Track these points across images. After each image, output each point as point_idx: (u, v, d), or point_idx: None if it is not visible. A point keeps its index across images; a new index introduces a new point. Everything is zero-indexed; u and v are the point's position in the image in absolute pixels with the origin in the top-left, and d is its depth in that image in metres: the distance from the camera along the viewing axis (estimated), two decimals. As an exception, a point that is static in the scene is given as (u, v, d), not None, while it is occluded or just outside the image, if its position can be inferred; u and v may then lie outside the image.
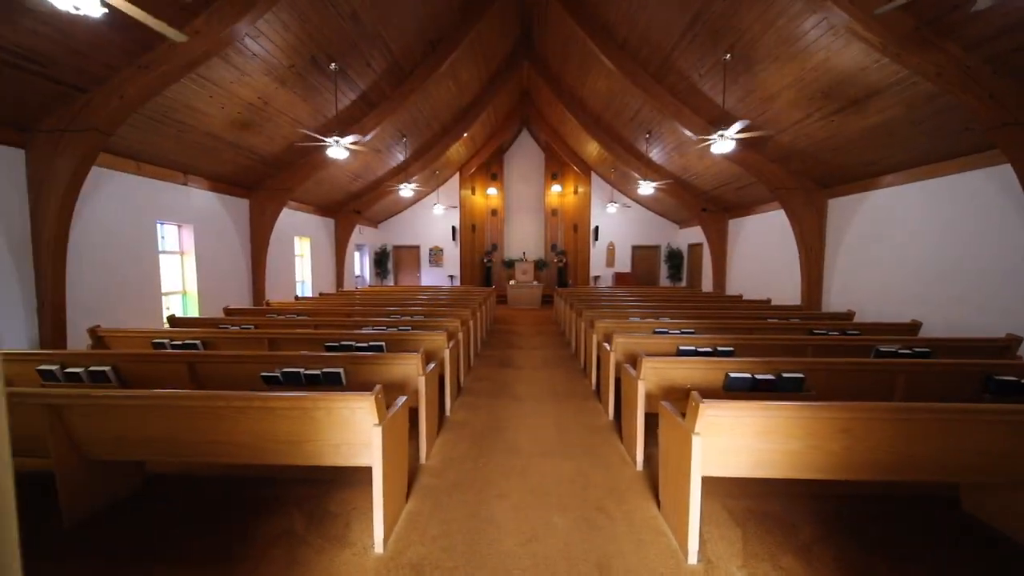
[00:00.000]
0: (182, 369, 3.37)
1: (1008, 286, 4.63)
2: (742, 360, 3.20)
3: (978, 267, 4.95)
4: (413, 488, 2.91)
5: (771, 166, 7.57)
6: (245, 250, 8.16)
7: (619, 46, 7.35)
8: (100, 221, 5.34)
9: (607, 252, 15.36)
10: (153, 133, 5.51)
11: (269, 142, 6.92)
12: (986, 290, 4.87)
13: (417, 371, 3.29)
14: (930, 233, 5.56)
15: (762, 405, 2.13)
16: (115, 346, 4.54)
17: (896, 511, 2.66)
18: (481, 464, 3.25)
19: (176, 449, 2.37)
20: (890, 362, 3.14)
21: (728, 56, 5.74)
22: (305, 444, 2.36)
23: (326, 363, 3.33)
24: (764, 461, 2.24)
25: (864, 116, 5.37)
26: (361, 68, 6.63)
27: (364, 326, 5.28)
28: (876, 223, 6.50)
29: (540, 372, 6.01)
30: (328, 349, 4.20)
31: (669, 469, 2.51)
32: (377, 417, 2.24)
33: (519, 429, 3.94)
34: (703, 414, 2.11)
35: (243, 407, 2.28)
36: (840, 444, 2.20)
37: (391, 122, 8.59)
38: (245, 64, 5.18)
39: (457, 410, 4.46)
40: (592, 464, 3.26)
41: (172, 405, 2.31)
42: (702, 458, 2.17)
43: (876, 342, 4.16)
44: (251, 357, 3.38)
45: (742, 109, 6.54)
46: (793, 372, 3.08)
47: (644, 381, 3.14)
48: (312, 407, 2.27)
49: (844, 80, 5.04)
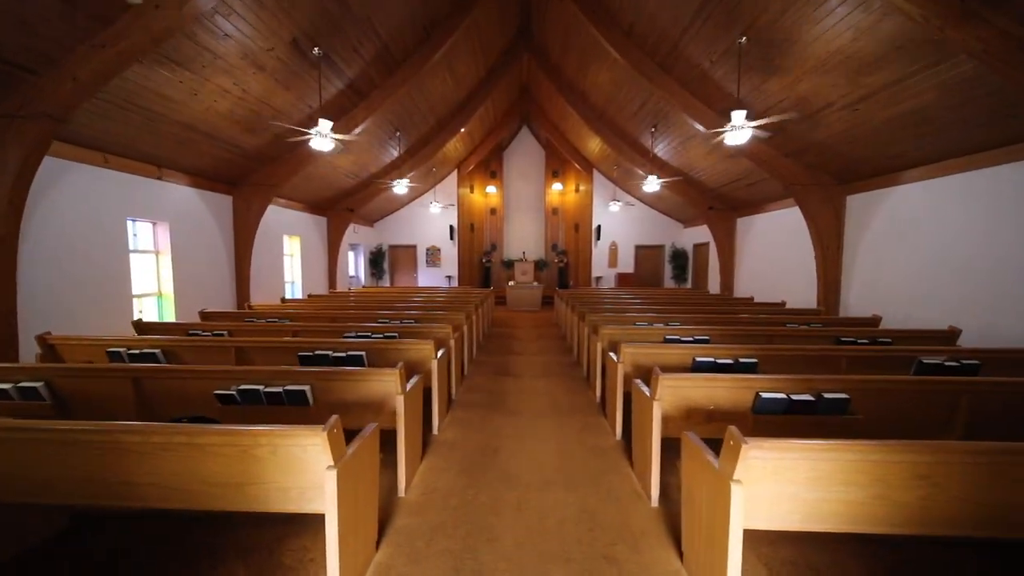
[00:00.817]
0: (126, 386, 2.92)
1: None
2: (772, 378, 2.75)
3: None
4: (387, 532, 2.45)
5: (785, 161, 7.11)
6: (228, 249, 7.72)
7: (625, 33, 6.90)
8: (61, 218, 4.89)
9: (609, 252, 14.89)
10: (120, 122, 5.06)
11: (250, 134, 6.48)
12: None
13: (396, 388, 2.84)
14: (967, 231, 5.10)
15: (822, 445, 1.67)
16: (67, 355, 4.10)
17: (977, 562, 2.20)
18: (470, 497, 2.80)
19: (80, 492, 1.92)
20: (950, 381, 2.68)
21: (743, 39, 5.28)
22: (247, 487, 1.91)
23: (292, 379, 2.88)
24: (816, 513, 1.78)
25: (893, 103, 4.91)
26: (348, 54, 6.18)
27: (348, 332, 4.83)
28: (901, 221, 6.04)
29: (540, 382, 5.55)
30: (301, 361, 3.75)
31: (696, 516, 2.05)
32: (332, 457, 1.78)
33: (516, 452, 3.49)
34: (745, 456, 1.66)
35: (164, 443, 1.83)
36: (914, 494, 1.74)
37: (383, 115, 8.14)
38: (217, 45, 4.73)
39: (447, 427, 4.01)
40: (600, 498, 2.80)
41: (70, 440, 1.86)
42: (743, 509, 1.72)
43: (915, 352, 3.70)
44: (205, 372, 2.93)
45: (757, 99, 6.08)
46: (835, 392, 2.63)
47: (660, 402, 2.69)
48: (252, 444, 1.82)
49: (872, 63, 4.58)
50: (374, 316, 6.13)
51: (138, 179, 5.87)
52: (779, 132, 6.38)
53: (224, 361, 3.99)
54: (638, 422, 3.05)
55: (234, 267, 7.84)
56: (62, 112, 4.18)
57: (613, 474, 3.12)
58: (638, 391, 3.02)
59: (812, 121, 5.89)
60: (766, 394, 2.62)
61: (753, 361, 3.48)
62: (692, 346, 3.90)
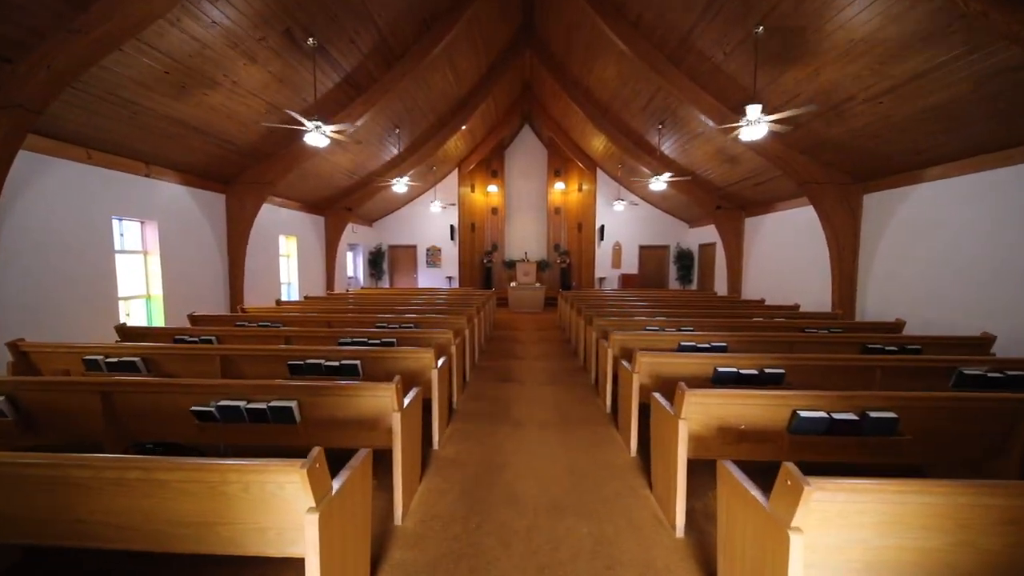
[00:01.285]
0: (95, 401, 2.65)
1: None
2: (810, 394, 2.48)
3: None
4: (381, 567, 2.18)
5: (800, 158, 6.84)
6: (221, 250, 7.45)
7: (632, 24, 6.62)
8: (40, 216, 4.62)
9: (613, 252, 14.62)
10: (103, 115, 4.80)
11: (243, 129, 6.20)
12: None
13: (392, 405, 2.57)
14: (997, 231, 4.82)
15: (899, 486, 1.40)
16: (43, 364, 3.83)
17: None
18: (473, 526, 2.53)
19: (27, 531, 1.65)
20: (1004, 398, 2.40)
21: (760, 29, 5.01)
22: (219, 527, 1.64)
23: (278, 393, 2.61)
24: (886, 562, 1.51)
25: (920, 96, 4.64)
26: (344, 46, 5.90)
27: (344, 338, 4.55)
28: (923, 220, 5.76)
29: (545, 389, 5.29)
30: (291, 371, 3.48)
31: (737, 560, 1.79)
32: (313, 497, 1.52)
33: (522, 470, 3.22)
34: (807, 500, 1.38)
35: (117, 479, 1.56)
36: (1003, 540, 1.47)
37: (382, 111, 7.87)
38: (204, 34, 4.46)
39: (447, 442, 3.74)
40: (617, 525, 2.53)
41: (13, 474, 1.59)
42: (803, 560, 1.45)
43: (951, 362, 3.43)
44: (180, 386, 2.65)
45: (774, 93, 5.81)
46: (881, 410, 2.35)
47: (686, 421, 2.42)
48: (220, 481, 1.55)
49: (899, 52, 4.30)
50: (372, 320, 5.85)
51: (124, 176, 5.60)
52: (795, 128, 6.11)
53: (209, 370, 3.72)
54: (658, 441, 2.78)
55: (227, 268, 7.57)
56: (37, 103, 3.90)
57: (630, 497, 2.85)
58: (659, 407, 2.75)
59: (831, 116, 5.62)
60: (805, 412, 2.35)
61: (780, 372, 3.21)
62: (712, 355, 3.63)
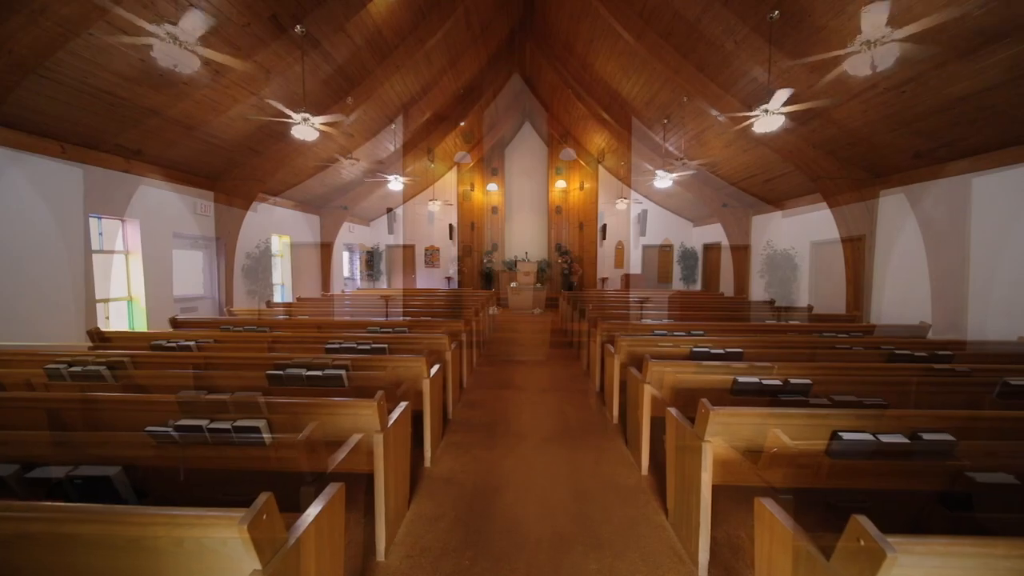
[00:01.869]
0: (40, 418, 2.35)
1: None
2: (854, 412, 2.17)
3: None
4: (358, 618, 1.88)
5: (813, 152, 6.53)
6: (209, 249, 7.15)
7: (637, 14, 6.32)
8: (7, 213, 4.33)
9: (615, 252, 14.31)
10: (76, 107, 4.50)
11: (228, 123, 5.91)
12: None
13: (375, 424, 2.26)
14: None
15: (1004, 547, 1.09)
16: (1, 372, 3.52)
17: None
18: (466, 562, 2.22)
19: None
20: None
21: (776, 13, 4.71)
22: (151, 586, 1.34)
23: (246, 412, 2.31)
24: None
25: (948, 83, 4.33)
26: (334, 35, 5.60)
27: (332, 341, 4.25)
28: (946, 219, 5.46)
29: (547, 396, 4.98)
30: (270, 380, 3.18)
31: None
32: (258, 558, 1.21)
33: (522, 492, 2.91)
34: (890, 567, 1.07)
35: (18, 532, 1.26)
36: None
37: (377, 105, 7.58)
38: (181, 17, 4.16)
39: (441, 456, 3.44)
40: (630, 562, 2.22)
41: None
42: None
43: (989, 372, 3.13)
44: (137, 403, 2.35)
45: (788, 83, 5.48)
46: (936, 432, 2.05)
47: (711, 443, 2.11)
48: (141, 536, 1.24)
49: (928, 36, 3.99)
50: (364, 323, 5.55)
51: (102, 172, 5.29)
52: (809, 120, 5.80)
53: (181, 381, 3.41)
54: (677, 464, 2.47)
55: (215, 269, 7.27)
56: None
57: (643, 525, 2.54)
58: (677, 425, 2.44)
59: (849, 107, 5.31)
60: (847, 434, 2.05)
61: (808, 383, 2.90)
62: (728, 363, 3.32)
